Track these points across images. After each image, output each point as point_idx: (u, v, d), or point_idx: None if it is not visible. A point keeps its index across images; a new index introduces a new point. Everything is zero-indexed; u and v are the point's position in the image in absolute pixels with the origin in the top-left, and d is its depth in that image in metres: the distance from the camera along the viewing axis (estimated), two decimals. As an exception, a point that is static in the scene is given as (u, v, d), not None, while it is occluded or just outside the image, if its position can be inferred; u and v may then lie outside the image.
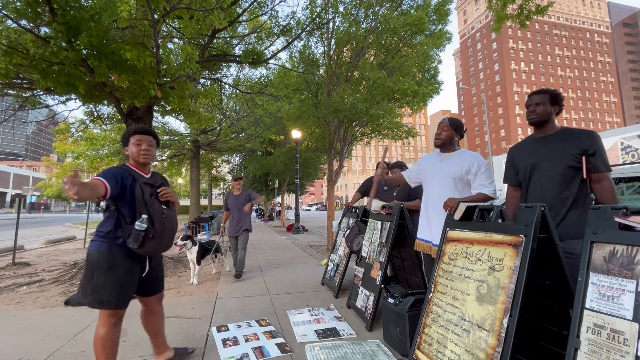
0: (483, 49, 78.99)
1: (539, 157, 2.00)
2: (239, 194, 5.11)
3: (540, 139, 2.04)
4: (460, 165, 2.32)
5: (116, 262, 1.80)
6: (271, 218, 24.40)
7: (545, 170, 1.96)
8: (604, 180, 1.81)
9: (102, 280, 1.78)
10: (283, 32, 6.40)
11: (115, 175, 1.78)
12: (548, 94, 2.03)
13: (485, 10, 11.96)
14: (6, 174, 53.67)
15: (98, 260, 1.78)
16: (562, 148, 1.91)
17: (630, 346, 1.08)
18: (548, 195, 1.90)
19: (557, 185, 1.89)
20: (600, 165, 1.82)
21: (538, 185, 1.98)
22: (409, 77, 7.10)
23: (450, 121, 2.43)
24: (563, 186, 1.88)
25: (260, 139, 12.86)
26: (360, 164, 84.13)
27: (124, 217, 1.83)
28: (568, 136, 1.93)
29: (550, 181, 1.92)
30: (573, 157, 1.86)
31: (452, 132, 2.40)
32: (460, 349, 1.65)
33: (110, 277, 1.78)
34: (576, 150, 1.85)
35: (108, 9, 3.56)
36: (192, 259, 4.50)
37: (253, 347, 2.45)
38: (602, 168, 1.82)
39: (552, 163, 1.93)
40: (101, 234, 1.81)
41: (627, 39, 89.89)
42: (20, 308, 3.53)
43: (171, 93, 4.62)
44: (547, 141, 2.00)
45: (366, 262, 3.25)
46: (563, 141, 1.93)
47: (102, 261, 1.78)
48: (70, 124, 10.30)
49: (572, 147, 1.88)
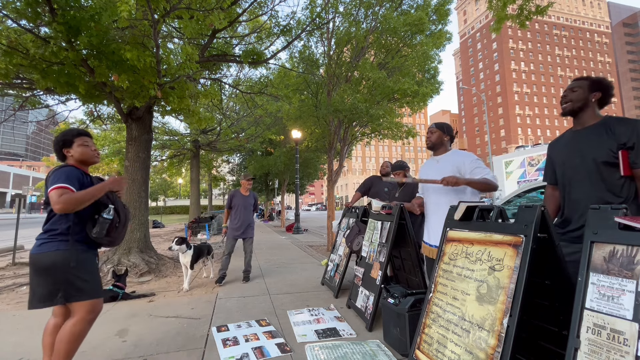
0: (483, 49, 78.98)
1: (574, 152, 1.76)
2: (248, 195, 4.86)
3: (577, 132, 1.80)
4: (453, 162, 2.40)
5: (83, 256, 1.82)
6: (271, 218, 24.41)
7: (578, 168, 1.73)
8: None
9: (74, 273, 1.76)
10: (283, 32, 6.40)
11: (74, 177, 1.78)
12: (588, 80, 1.80)
13: (485, 10, 12.00)
14: (6, 174, 53.65)
15: (65, 258, 1.74)
16: (597, 142, 1.67)
17: (630, 346, 1.07)
18: (584, 196, 1.71)
19: (593, 185, 1.67)
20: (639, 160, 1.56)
21: (573, 185, 1.77)
22: (409, 77, 7.10)
23: (437, 125, 2.55)
24: (599, 186, 1.65)
25: (260, 139, 12.87)
26: (360, 164, 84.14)
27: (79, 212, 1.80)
28: (607, 127, 1.67)
29: (585, 180, 1.70)
30: (608, 151, 1.61)
31: (440, 133, 2.51)
32: (460, 349, 1.65)
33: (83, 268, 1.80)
34: (613, 144, 1.61)
35: (108, 9, 3.56)
36: (184, 263, 4.26)
37: (253, 347, 2.45)
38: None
39: (584, 160, 1.70)
40: (56, 232, 1.76)
41: (627, 39, 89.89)
42: (20, 308, 3.52)
43: (171, 93, 4.62)
44: (584, 134, 1.75)
45: (366, 262, 3.25)
46: (601, 133, 1.67)
47: (70, 257, 1.76)
48: (70, 124, 10.30)
49: (609, 139, 1.63)
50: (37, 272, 1.74)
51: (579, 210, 1.73)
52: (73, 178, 1.75)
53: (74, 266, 1.75)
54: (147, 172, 5.70)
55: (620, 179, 1.62)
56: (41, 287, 1.74)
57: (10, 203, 51.28)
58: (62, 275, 1.73)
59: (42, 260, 1.73)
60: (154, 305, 3.60)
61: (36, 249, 1.76)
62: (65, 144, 1.90)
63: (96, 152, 1.98)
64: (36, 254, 1.74)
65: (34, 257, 1.75)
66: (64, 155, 1.91)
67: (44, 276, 1.73)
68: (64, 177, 1.73)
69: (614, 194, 1.63)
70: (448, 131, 2.52)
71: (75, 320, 1.79)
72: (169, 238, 10.79)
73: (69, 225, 1.78)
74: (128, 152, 5.50)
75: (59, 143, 1.90)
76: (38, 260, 1.74)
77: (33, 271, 1.76)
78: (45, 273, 1.73)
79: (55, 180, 1.71)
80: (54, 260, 1.72)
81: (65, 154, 1.91)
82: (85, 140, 1.93)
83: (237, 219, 4.71)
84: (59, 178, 1.72)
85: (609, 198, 1.63)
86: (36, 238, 1.80)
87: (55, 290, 1.73)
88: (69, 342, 1.77)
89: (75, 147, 1.90)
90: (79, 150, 1.90)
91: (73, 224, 1.79)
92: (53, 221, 1.78)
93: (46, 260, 1.72)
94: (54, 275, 1.72)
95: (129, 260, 5.04)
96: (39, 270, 1.74)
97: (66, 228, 1.78)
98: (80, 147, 1.90)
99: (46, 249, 1.74)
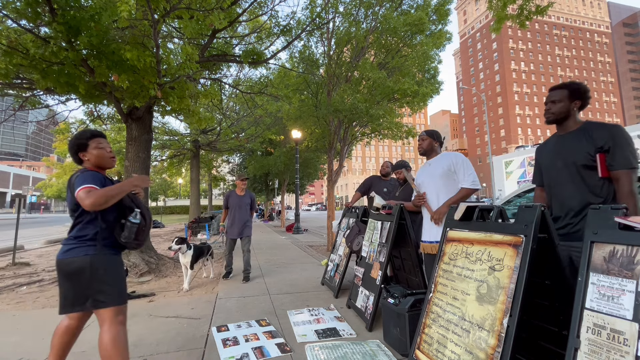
0: (483, 49, 78.99)
1: (557, 156, 1.89)
2: (244, 195, 5.01)
3: (561, 137, 1.92)
4: (442, 164, 2.61)
5: (112, 260, 1.83)
6: (271, 218, 24.41)
7: (562, 171, 1.85)
8: (620, 178, 1.67)
9: (103, 279, 1.76)
10: (283, 32, 6.40)
11: (97, 180, 1.77)
12: (567, 88, 1.89)
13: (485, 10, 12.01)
14: (6, 174, 53.70)
15: (94, 263, 1.75)
16: (578, 146, 1.78)
17: (630, 346, 1.08)
18: (568, 197, 1.81)
19: (576, 187, 1.78)
20: (615, 163, 1.67)
21: (559, 187, 1.88)
22: (409, 77, 7.10)
23: (427, 132, 2.80)
24: (582, 188, 1.76)
25: (260, 139, 12.86)
26: (360, 164, 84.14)
27: (106, 217, 1.81)
28: (586, 132, 1.78)
29: (569, 183, 1.82)
30: (587, 155, 1.73)
31: (430, 140, 2.76)
32: (460, 349, 1.65)
33: (108, 274, 1.79)
34: (591, 148, 1.72)
35: (108, 9, 3.56)
36: (185, 263, 4.28)
37: (253, 347, 2.45)
38: (617, 165, 1.67)
39: (567, 163, 1.82)
40: (84, 237, 1.76)
41: (627, 39, 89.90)
42: (20, 308, 3.53)
43: (171, 93, 4.62)
44: (567, 139, 1.87)
45: (366, 262, 3.25)
46: (580, 138, 1.79)
47: (99, 262, 1.76)
48: (70, 124, 10.31)
49: (587, 144, 1.74)
50: (67, 276, 1.75)
51: (563, 210, 1.85)
52: (97, 180, 1.75)
53: (102, 271, 1.75)
54: (147, 172, 5.70)
55: (600, 181, 1.73)
56: (72, 291, 1.75)
57: (10, 203, 51.32)
58: (91, 280, 1.73)
59: (71, 265, 1.73)
60: (154, 305, 3.60)
61: (64, 254, 1.75)
62: (80, 148, 1.87)
63: (112, 155, 1.96)
64: (65, 259, 1.74)
65: (63, 262, 1.74)
66: (80, 159, 1.90)
67: (74, 280, 1.74)
68: (90, 179, 1.73)
69: (595, 195, 1.74)
70: (437, 137, 2.78)
71: (107, 327, 1.76)
72: (169, 238, 10.79)
73: (96, 230, 1.78)
74: (128, 152, 5.50)
75: (74, 147, 1.88)
76: (67, 265, 1.73)
77: (63, 276, 1.76)
78: (75, 277, 1.73)
79: (80, 182, 1.71)
80: (82, 265, 1.72)
81: (81, 158, 1.89)
82: (100, 142, 1.91)
83: (233, 218, 4.86)
84: (85, 180, 1.72)
85: (590, 199, 1.74)
86: (62, 243, 1.80)
87: (85, 295, 1.73)
88: (116, 348, 1.74)
89: (91, 150, 1.88)
90: (95, 153, 1.88)
91: (101, 229, 1.79)
92: (80, 227, 1.78)
93: (75, 264, 1.73)
94: (83, 279, 1.73)
95: (129, 260, 5.04)
96: (69, 275, 1.74)
97: (94, 233, 1.78)
98: (96, 150, 1.88)
99: (75, 254, 1.74)
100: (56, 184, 43.54)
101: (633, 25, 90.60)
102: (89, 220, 1.79)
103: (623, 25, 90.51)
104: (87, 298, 1.73)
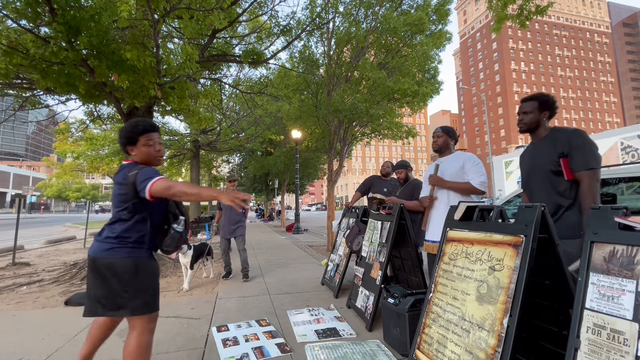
0: (483, 49, 78.98)
1: (530, 163, 2.06)
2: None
3: (534, 145, 2.08)
4: (455, 164, 2.55)
5: (151, 265, 1.73)
6: (271, 218, 24.41)
7: (535, 176, 2.00)
8: (583, 179, 1.78)
9: (144, 285, 1.67)
10: (283, 32, 6.40)
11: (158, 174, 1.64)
12: (537, 100, 2.04)
13: (485, 10, 12.00)
14: (6, 174, 53.67)
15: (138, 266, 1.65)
16: (545, 153, 1.94)
17: (630, 346, 1.08)
18: (541, 200, 1.92)
19: (546, 192, 1.92)
20: (575, 165, 1.80)
21: (535, 192, 2.03)
22: (409, 77, 7.10)
23: (443, 129, 2.72)
24: (551, 192, 1.90)
25: (260, 139, 12.86)
26: (360, 164, 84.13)
27: (153, 221, 1.73)
28: (551, 140, 1.94)
29: (541, 188, 1.96)
30: (552, 161, 1.87)
31: (446, 137, 2.68)
32: (460, 349, 1.65)
33: (149, 280, 1.71)
34: (554, 154, 1.87)
35: (108, 9, 3.56)
36: (185, 263, 4.28)
37: (253, 347, 2.45)
38: (577, 167, 1.79)
39: (538, 169, 1.98)
40: (129, 239, 1.64)
41: (627, 39, 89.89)
42: (20, 308, 3.53)
43: (171, 93, 4.62)
44: (538, 146, 2.03)
45: (366, 262, 3.25)
46: (547, 146, 1.95)
47: (143, 266, 1.67)
48: (70, 124, 10.30)
49: (551, 151, 1.89)
50: (104, 277, 1.61)
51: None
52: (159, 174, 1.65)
53: (143, 276, 1.67)
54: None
55: (567, 183, 1.85)
56: (106, 293, 1.62)
57: (10, 203, 51.31)
58: (130, 284, 1.62)
59: (113, 266, 1.61)
60: (154, 305, 3.60)
61: (105, 252, 1.61)
62: (129, 142, 1.74)
63: (160, 153, 1.81)
64: (106, 258, 1.61)
65: (103, 261, 1.61)
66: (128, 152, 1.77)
67: (112, 282, 1.61)
68: (156, 172, 1.62)
69: (564, 197, 1.86)
70: (452, 135, 2.70)
71: (139, 333, 1.66)
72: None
73: (143, 233, 1.68)
74: (128, 152, 5.48)
75: (124, 139, 1.75)
76: (108, 265, 1.60)
77: (99, 276, 1.62)
78: (115, 279, 1.60)
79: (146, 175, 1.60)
80: (126, 267, 1.61)
81: (129, 152, 1.76)
82: (150, 138, 1.76)
83: (226, 219, 4.95)
84: (154, 172, 1.62)
85: (560, 201, 1.87)
86: (100, 240, 1.66)
87: (122, 301, 1.61)
88: (141, 357, 1.66)
89: (140, 146, 1.74)
90: (143, 150, 1.74)
91: (144, 233, 1.69)
92: (126, 228, 1.65)
93: (118, 265, 1.61)
94: (123, 282, 1.61)
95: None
96: (107, 276, 1.61)
97: (140, 236, 1.68)
98: (145, 148, 1.74)
99: (119, 255, 1.62)
100: (56, 184, 43.56)
101: (633, 25, 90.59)
102: (137, 220, 1.67)
103: (623, 25, 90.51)
104: (125, 303, 1.61)
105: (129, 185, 1.62)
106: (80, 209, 58.08)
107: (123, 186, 1.64)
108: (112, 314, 1.64)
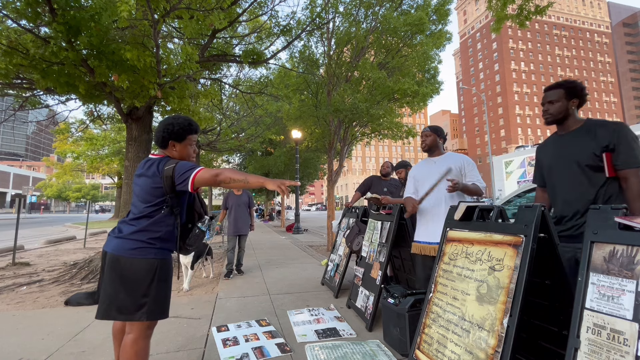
0: (483, 49, 78.98)
1: (559, 157, 1.85)
2: (241, 194, 5.23)
3: (562, 137, 1.88)
4: (449, 163, 2.52)
5: (171, 269, 1.65)
6: (271, 218, 24.41)
7: (564, 171, 1.81)
8: (629, 177, 1.62)
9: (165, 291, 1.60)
10: (283, 32, 6.41)
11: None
12: (563, 87, 1.85)
13: (485, 10, 11.98)
14: (6, 174, 53.68)
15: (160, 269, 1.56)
16: (581, 146, 1.74)
17: (630, 346, 1.07)
18: (574, 198, 1.77)
19: (578, 187, 1.75)
20: (620, 162, 1.63)
21: (560, 187, 1.84)
22: (409, 77, 7.10)
23: (431, 128, 2.70)
24: (587, 188, 1.72)
25: (260, 139, 12.87)
26: (360, 164, 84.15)
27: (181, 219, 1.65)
28: (589, 132, 1.74)
29: (573, 183, 1.77)
30: (592, 155, 1.69)
31: (434, 136, 2.65)
32: (460, 349, 1.65)
33: (168, 286, 1.62)
34: (594, 148, 1.68)
35: (108, 9, 3.56)
36: (185, 263, 4.24)
37: (253, 347, 2.45)
38: (623, 164, 1.63)
39: (569, 163, 1.78)
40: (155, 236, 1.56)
41: (627, 39, 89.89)
42: (20, 308, 3.52)
43: (171, 93, 4.62)
44: (568, 139, 1.83)
45: (366, 262, 3.25)
46: (583, 138, 1.75)
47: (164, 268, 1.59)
48: (70, 124, 10.31)
49: (590, 144, 1.70)
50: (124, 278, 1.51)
51: (569, 211, 1.80)
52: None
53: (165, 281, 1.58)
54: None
55: (605, 180, 1.68)
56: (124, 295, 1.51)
57: (10, 203, 51.31)
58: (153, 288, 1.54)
59: (136, 266, 1.51)
60: (154, 305, 3.60)
61: (130, 251, 1.52)
62: (177, 137, 1.67)
63: (194, 155, 1.78)
64: (129, 258, 1.51)
65: (128, 260, 1.52)
66: (167, 145, 1.68)
67: (133, 284, 1.51)
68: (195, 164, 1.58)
69: (600, 195, 1.70)
70: (441, 134, 2.69)
71: (135, 338, 1.56)
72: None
73: (171, 229, 1.60)
74: (128, 152, 5.50)
75: (170, 133, 1.66)
76: (130, 265, 1.51)
77: (119, 276, 1.52)
78: (138, 282, 1.52)
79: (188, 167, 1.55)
80: (149, 268, 1.53)
81: (169, 146, 1.68)
82: (192, 140, 1.73)
83: (233, 216, 5.08)
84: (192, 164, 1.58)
85: (595, 198, 1.71)
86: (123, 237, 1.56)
87: (141, 304, 1.52)
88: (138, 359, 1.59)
89: (185, 143, 1.70)
90: (184, 150, 1.70)
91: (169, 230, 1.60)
92: (153, 222, 1.56)
93: (141, 266, 1.52)
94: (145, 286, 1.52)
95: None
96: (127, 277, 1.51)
97: (168, 233, 1.59)
98: (186, 148, 1.71)
99: (143, 254, 1.53)
100: (56, 184, 43.54)
101: (633, 25, 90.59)
102: (167, 215, 1.58)
103: (623, 25, 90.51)
104: (142, 306, 1.52)
105: (166, 178, 1.54)
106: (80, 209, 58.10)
107: (156, 179, 1.55)
108: (124, 317, 1.53)
